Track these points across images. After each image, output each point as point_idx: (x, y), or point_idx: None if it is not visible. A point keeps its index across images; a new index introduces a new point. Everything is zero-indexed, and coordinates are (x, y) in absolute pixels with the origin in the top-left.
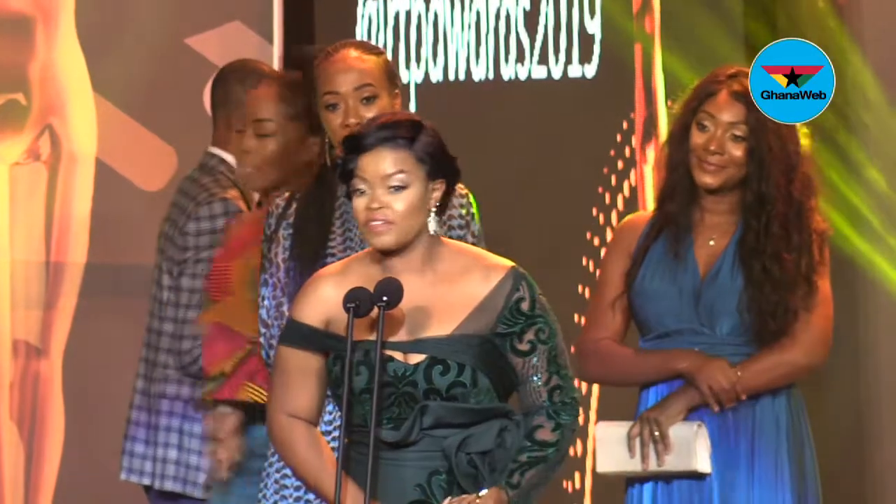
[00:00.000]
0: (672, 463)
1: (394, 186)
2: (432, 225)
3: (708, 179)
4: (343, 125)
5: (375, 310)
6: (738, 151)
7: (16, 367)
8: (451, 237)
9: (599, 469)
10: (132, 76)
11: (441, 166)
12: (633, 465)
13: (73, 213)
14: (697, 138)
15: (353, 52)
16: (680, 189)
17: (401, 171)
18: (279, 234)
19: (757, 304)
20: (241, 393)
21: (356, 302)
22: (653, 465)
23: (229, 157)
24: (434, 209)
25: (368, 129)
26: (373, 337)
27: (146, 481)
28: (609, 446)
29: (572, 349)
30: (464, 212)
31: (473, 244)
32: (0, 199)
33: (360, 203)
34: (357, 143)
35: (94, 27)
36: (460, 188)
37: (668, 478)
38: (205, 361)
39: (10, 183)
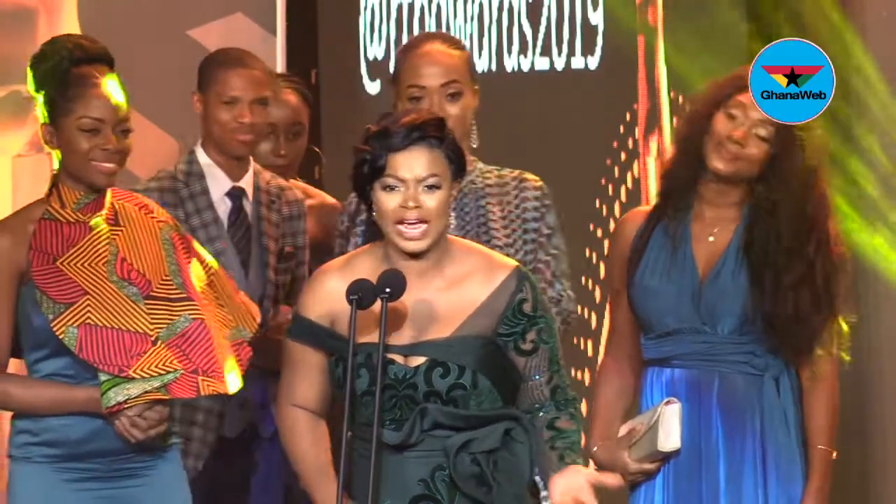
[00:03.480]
0: (646, 448)
1: (428, 186)
2: (453, 222)
3: (720, 165)
4: None
5: (378, 306)
6: (756, 150)
7: None
8: (526, 228)
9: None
10: (134, 68)
11: (461, 166)
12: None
13: None
14: (722, 126)
15: (439, 46)
16: (686, 166)
17: (435, 174)
18: (353, 231)
19: (773, 307)
20: (203, 388)
21: (359, 294)
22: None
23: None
24: (451, 209)
25: (398, 128)
26: (374, 338)
27: None
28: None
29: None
30: (538, 203)
31: (548, 235)
32: (2, 190)
33: (390, 200)
34: (388, 142)
35: (96, 19)
36: (534, 179)
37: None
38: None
39: (12, 175)
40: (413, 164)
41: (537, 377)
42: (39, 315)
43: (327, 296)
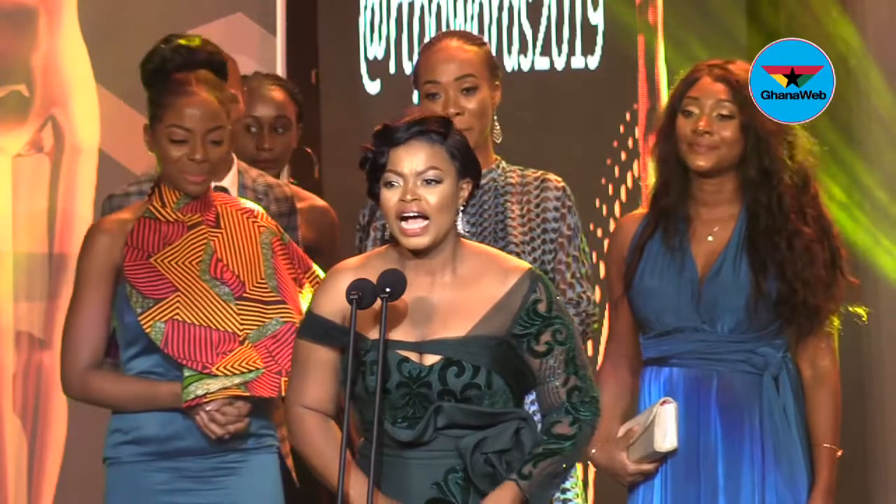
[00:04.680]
0: (644, 449)
1: (428, 180)
2: (460, 224)
3: (700, 161)
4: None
5: (392, 304)
6: (726, 132)
7: (19, 359)
8: (545, 228)
9: (672, 445)
10: (135, 67)
11: (469, 165)
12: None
13: (75, 205)
14: (684, 125)
15: (454, 42)
16: (673, 181)
17: (434, 167)
18: (373, 226)
19: (791, 271)
20: (284, 388)
21: (359, 293)
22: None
23: None
24: (461, 208)
25: (400, 124)
26: (388, 336)
27: None
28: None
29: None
30: (559, 204)
31: (569, 237)
32: (3, 190)
33: (391, 195)
34: (390, 137)
35: (96, 18)
36: (556, 180)
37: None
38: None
39: (12, 174)
40: (412, 158)
41: (552, 379)
42: (131, 312)
43: (341, 294)
